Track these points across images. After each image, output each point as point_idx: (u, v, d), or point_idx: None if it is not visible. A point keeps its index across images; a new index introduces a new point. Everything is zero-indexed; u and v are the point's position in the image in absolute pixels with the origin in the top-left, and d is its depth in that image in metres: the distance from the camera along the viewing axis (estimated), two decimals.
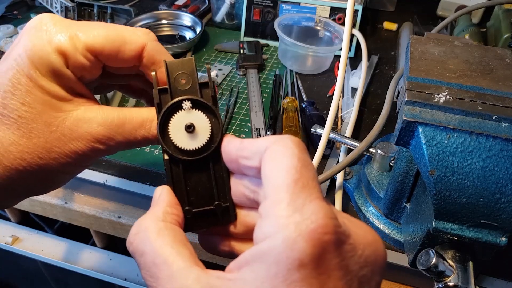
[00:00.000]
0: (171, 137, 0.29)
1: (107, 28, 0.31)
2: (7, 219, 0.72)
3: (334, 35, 0.75)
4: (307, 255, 0.20)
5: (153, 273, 0.23)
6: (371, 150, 0.47)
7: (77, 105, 0.30)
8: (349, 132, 0.57)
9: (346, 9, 0.48)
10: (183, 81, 0.30)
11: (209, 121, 0.29)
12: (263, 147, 0.25)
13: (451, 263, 0.34)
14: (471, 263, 0.35)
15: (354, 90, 0.67)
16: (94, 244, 0.69)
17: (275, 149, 0.24)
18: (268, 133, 0.59)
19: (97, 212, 0.56)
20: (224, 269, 0.23)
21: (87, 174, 0.54)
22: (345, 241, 0.21)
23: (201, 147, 0.29)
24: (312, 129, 0.52)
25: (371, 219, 0.47)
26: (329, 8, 0.76)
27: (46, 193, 0.34)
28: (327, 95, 0.68)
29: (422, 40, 0.42)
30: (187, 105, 0.29)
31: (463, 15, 0.75)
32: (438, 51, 0.40)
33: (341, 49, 0.48)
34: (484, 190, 0.32)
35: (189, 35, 0.82)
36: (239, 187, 0.29)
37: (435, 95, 0.34)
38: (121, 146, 0.31)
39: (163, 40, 0.81)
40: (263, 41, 0.81)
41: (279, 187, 0.22)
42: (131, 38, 0.31)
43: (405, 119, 0.33)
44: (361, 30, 0.76)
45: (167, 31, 0.84)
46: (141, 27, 0.81)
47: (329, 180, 0.49)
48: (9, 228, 0.68)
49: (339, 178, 0.51)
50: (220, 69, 0.73)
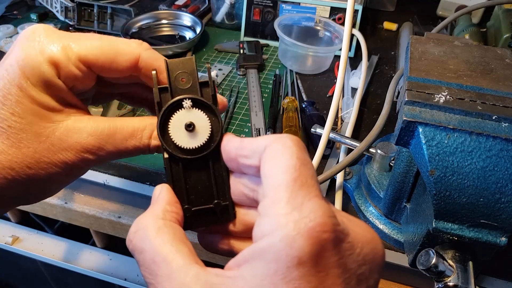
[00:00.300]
0: (171, 135, 0.29)
1: (101, 39, 0.31)
2: (7, 219, 0.72)
3: (334, 35, 0.75)
4: (306, 253, 0.20)
5: (152, 270, 0.23)
6: (371, 150, 0.47)
7: (68, 115, 0.30)
8: (349, 132, 0.57)
9: (346, 9, 0.48)
10: (184, 80, 0.30)
11: (209, 120, 0.29)
12: (263, 146, 0.25)
13: (451, 263, 0.34)
14: (471, 263, 0.35)
15: (354, 90, 0.67)
16: (94, 244, 0.69)
17: (274, 148, 0.24)
18: (268, 133, 0.59)
19: (97, 212, 0.56)
20: (223, 268, 0.23)
21: (87, 174, 0.53)
22: (344, 239, 0.22)
23: (201, 146, 0.29)
24: (312, 129, 0.52)
25: (371, 219, 0.47)
26: (329, 8, 0.76)
27: (37, 202, 0.34)
28: (327, 95, 0.68)
29: (422, 40, 0.42)
30: (187, 103, 0.29)
31: (463, 15, 0.75)
32: (438, 51, 0.40)
33: (341, 49, 0.48)
34: (484, 190, 0.32)
35: (189, 35, 0.82)
36: (238, 186, 0.29)
37: (435, 95, 0.34)
38: (111, 156, 0.31)
39: (163, 40, 0.81)
40: (263, 41, 0.81)
41: (278, 186, 0.22)
42: (124, 49, 0.31)
43: (405, 119, 0.33)
44: (361, 30, 0.76)
45: (167, 31, 0.84)
46: (141, 27, 0.82)
47: (329, 180, 0.49)
48: (9, 228, 0.68)
49: (339, 178, 0.51)
50: (220, 69, 0.73)
